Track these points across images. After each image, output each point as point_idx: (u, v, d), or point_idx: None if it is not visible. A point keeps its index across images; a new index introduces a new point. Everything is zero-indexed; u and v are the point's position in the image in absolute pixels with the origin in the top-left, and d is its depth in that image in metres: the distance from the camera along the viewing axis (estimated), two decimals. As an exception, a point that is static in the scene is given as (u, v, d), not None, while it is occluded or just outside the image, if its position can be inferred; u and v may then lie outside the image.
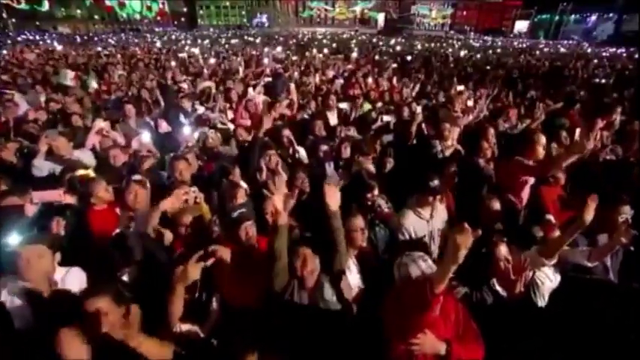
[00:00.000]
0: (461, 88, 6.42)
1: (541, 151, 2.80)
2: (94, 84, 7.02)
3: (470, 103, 4.90)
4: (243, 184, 2.92)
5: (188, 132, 3.67)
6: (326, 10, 54.46)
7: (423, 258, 1.53)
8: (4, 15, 39.54)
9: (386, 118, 4.12)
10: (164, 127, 4.46)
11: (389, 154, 3.40)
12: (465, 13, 54.06)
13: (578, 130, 3.39)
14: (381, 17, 50.99)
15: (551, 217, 2.12)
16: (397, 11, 52.03)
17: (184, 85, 7.11)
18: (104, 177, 3.21)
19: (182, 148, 3.59)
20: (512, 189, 2.83)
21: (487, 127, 3.78)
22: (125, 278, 2.01)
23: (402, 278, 1.51)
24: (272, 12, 53.42)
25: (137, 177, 2.45)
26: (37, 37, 26.43)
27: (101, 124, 3.99)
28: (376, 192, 2.37)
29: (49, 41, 21.94)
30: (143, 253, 2.00)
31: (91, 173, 2.81)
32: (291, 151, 3.62)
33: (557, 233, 1.98)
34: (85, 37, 27.93)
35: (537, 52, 19.83)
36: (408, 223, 2.39)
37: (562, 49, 24.66)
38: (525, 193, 2.89)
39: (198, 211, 2.34)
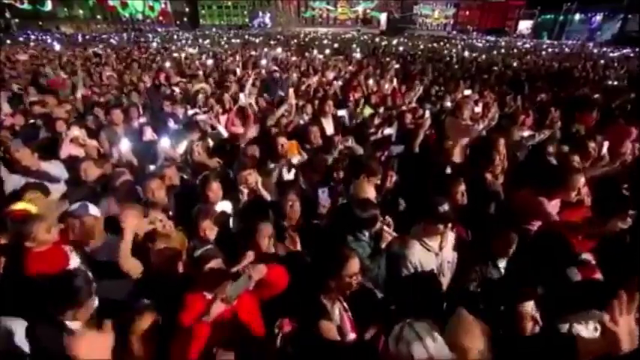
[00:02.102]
0: (468, 92, 6.04)
1: (573, 196, 2.41)
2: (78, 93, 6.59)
3: (478, 109, 4.52)
4: (223, 205, 2.59)
5: (167, 144, 3.31)
6: (328, 10, 54.12)
7: (431, 335, 1.11)
8: (7, 15, 39.52)
9: (387, 131, 3.74)
10: (148, 134, 4.12)
11: (392, 166, 3.04)
12: (467, 12, 53.62)
13: (606, 144, 3.05)
14: (383, 17, 50.56)
15: (589, 257, 1.76)
16: (399, 11, 51.59)
17: (176, 89, 6.77)
18: (75, 194, 2.94)
19: (160, 160, 3.26)
20: (527, 219, 2.48)
21: (498, 138, 3.42)
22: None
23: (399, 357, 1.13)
24: (274, 12, 53.15)
25: (73, 207, 2.06)
26: (39, 37, 26.21)
27: (75, 132, 3.68)
28: (379, 223, 2.01)
29: (49, 41, 21.69)
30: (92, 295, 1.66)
31: (32, 208, 2.28)
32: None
33: (598, 275, 1.61)
34: (87, 37, 27.74)
35: (543, 53, 19.38)
36: (414, 256, 2.04)
37: (567, 50, 24.23)
38: (539, 223, 2.54)
39: (166, 242, 1.99)
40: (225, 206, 2.63)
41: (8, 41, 21.01)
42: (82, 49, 15.93)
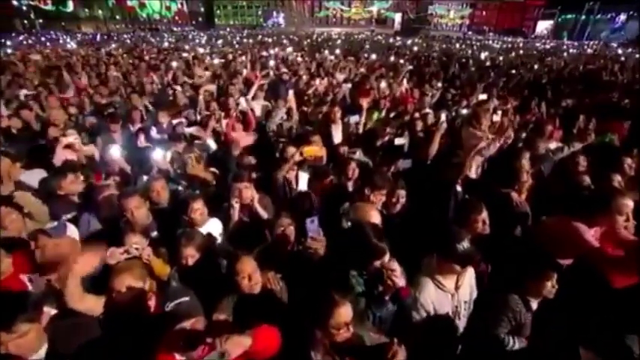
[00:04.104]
0: (483, 96, 5.62)
1: (622, 223, 2.02)
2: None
3: (496, 117, 4.12)
4: (211, 225, 2.33)
5: (159, 155, 3.07)
6: (342, 10, 53.77)
7: None
8: (32, 16, 40.95)
9: (398, 141, 3.40)
10: (143, 140, 3.91)
11: (402, 185, 2.68)
12: (484, 13, 52.42)
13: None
14: (397, 17, 49.90)
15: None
16: (414, 11, 50.81)
17: (178, 88, 6.58)
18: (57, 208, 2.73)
19: (154, 172, 3.02)
20: (561, 250, 2.12)
21: (523, 151, 3.07)
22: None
23: None
24: (288, 12, 53.18)
25: (49, 225, 1.81)
26: (60, 37, 26.71)
27: (70, 138, 3.49)
28: (387, 258, 1.65)
29: (68, 40, 22.00)
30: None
31: None
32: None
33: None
34: (105, 37, 28.18)
35: (565, 55, 18.54)
36: (427, 298, 1.72)
37: (589, 50, 23.26)
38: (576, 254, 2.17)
39: (137, 278, 1.71)
40: (213, 227, 2.36)
41: (23, 41, 21.36)
42: (95, 50, 15.99)
